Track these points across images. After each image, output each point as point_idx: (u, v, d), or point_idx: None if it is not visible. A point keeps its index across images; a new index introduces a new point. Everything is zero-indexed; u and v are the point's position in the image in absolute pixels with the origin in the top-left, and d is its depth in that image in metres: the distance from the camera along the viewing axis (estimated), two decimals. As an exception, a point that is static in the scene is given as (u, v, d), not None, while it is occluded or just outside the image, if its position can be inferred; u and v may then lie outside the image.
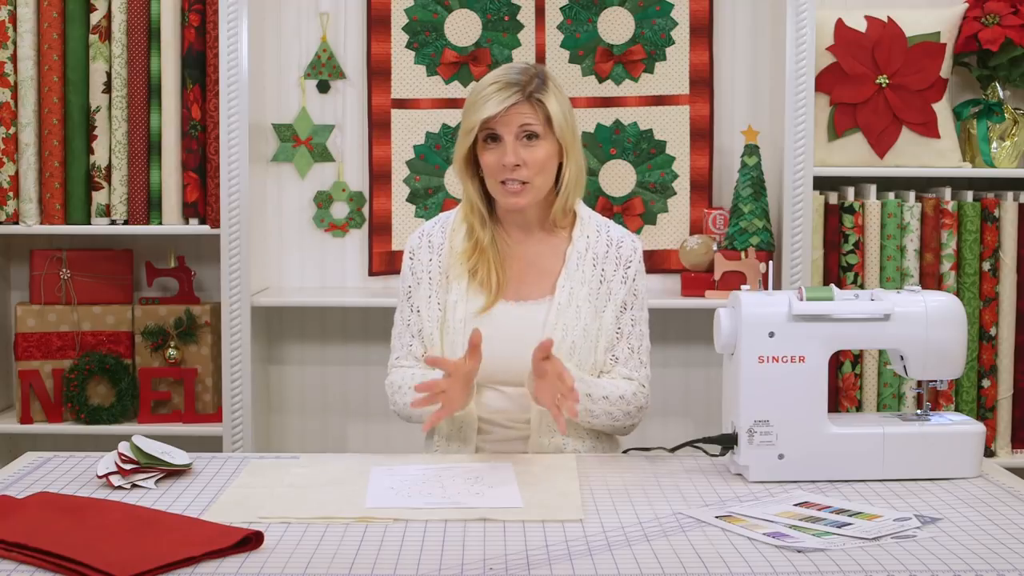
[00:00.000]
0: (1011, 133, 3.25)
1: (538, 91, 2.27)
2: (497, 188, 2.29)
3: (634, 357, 2.33)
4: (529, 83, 2.27)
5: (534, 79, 2.28)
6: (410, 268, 2.39)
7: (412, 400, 2.17)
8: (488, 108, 2.24)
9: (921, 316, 2.05)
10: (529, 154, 2.26)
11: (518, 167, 2.25)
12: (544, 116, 2.27)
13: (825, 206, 3.19)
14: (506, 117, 2.25)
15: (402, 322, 2.38)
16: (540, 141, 2.27)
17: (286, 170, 3.42)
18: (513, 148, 2.25)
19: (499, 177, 2.27)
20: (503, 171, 2.26)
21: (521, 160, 2.25)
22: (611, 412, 2.27)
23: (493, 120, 2.25)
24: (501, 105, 2.24)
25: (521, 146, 2.26)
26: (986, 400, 3.21)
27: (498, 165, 2.26)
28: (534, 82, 2.27)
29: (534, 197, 2.29)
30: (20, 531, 1.65)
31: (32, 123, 3.21)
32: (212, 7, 3.18)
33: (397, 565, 1.60)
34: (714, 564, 1.61)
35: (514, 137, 2.26)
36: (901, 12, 3.23)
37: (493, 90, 2.26)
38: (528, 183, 2.27)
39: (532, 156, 2.26)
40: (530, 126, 2.26)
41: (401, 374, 2.34)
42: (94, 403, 3.24)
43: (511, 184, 2.27)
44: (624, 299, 2.34)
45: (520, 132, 2.26)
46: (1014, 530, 1.75)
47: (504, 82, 2.26)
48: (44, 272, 3.29)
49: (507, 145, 2.25)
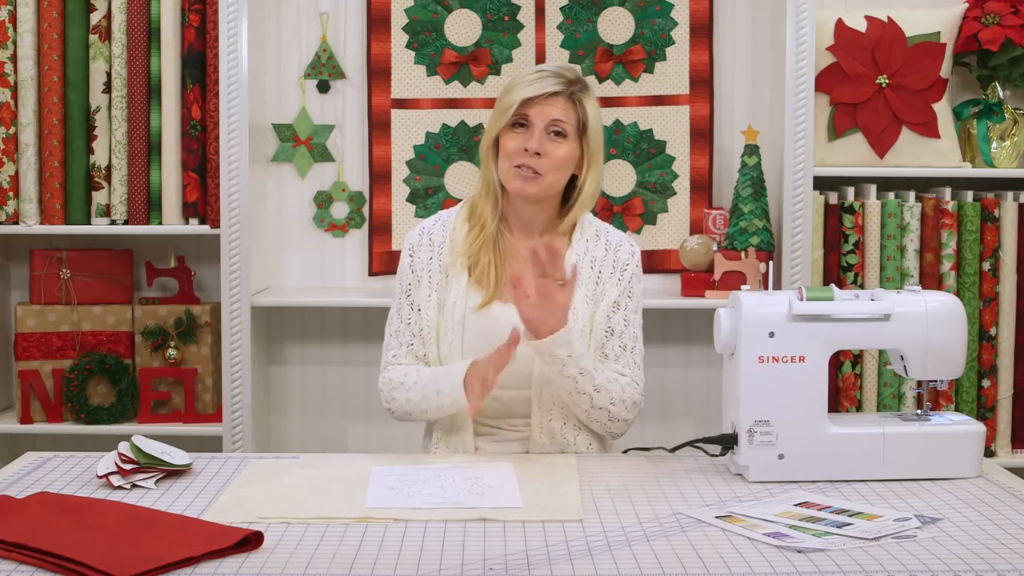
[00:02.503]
0: (1011, 133, 3.25)
1: (580, 92, 2.30)
2: (510, 172, 2.30)
3: (626, 355, 2.32)
4: (574, 82, 2.31)
5: (579, 81, 2.32)
6: (410, 266, 2.38)
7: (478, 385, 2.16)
8: (529, 89, 2.27)
9: (921, 316, 2.05)
10: (553, 148, 2.27)
11: (538, 155, 2.26)
12: (577, 118, 2.29)
13: (825, 206, 3.19)
14: (542, 107, 2.27)
15: (400, 320, 2.37)
16: (566, 141, 2.29)
17: (286, 170, 3.42)
18: (540, 137, 2.27)
19: (516, 161, 2.28)
20: (522, 155, 2.27)
21: (544, 151, 2.27)
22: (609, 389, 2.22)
23: (530, 104, 2.27)
24: (543, 89, 2.26)
25: (547, 139, 2.27)
26: (986, 400, 3.21)
27: (519, 149, 2.27)
28: (579, 83, 2.31)
29: (543, 191, 2.30)
30: (20, 531, 1.65)
31: (32, 123, 3.21)
32: (212, 7, 3.18)
33: (397, 565, 1.60)
34: (714, 564, 1.61)
35: (543, 128, 2.27)
36: (901, 12, 3.23)
37: (537, 76, 2.29)
38: (542, 175, 2.27)
39: (555, 151, 2.27)
40: (561, 123, 2.28)
41: (403, 371, 2.32)
42: (94, 403, 3.24)
43: (525, 170, 2.27)
44: (617, 298, 2.34)
45: (550, 126, 2.28)
46: (1014, 530, 1.76)
47: (551, 71, 2.30)
48: (44, 272, 3.29)
49: (535, 131, 2.27)
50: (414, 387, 2.27)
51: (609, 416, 2.26)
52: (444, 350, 2.29)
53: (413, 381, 2.28)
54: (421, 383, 2.27)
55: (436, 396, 2.23)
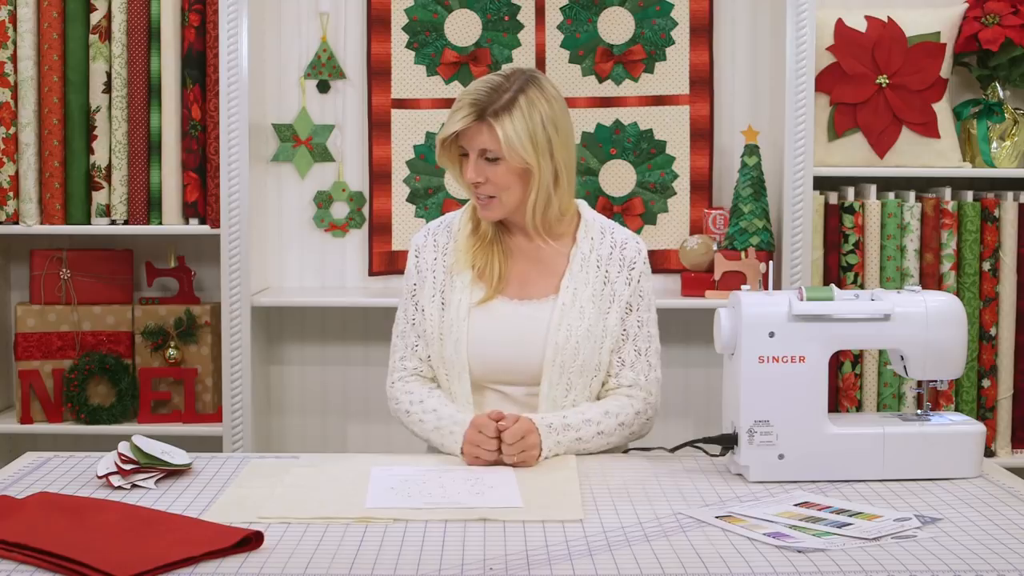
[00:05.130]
0: (1011, 133, 3.25)
1: (497, 113, 2.21)
2: (473, 200, 2.32)
3: (641, 360, 2.33)
4: (493, 102, 2.22)
5: (502, 95, 2.22)
6: (415, 267, 2.38)
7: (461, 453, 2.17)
8: (448, 126, 2.25)
9: (921, 316, 2.05)
10: (491, 172, 2.25)
11: (480, 184, 2.26)
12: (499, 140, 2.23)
13: (825, 206, 3.19)
14: (466, 136, 2.25)
15: (406, 321, 2.38)
16: (501, 161, 2.24)
17: (286, 170, 3.42)
18: (475, 165, 2.25)
19: (471, 191, 2.30)
20: (472, 187, 2.28)
21: (483, 177, 2.25)
22: (610, 441, 2.27)
23: (461, 135, 2.26)
24: (454, 126, 2.24)
25: (485, 165, 2.25)
26: (986, 400, 3.21)
27: (467, 181, 2.29)
28: (502, 99, 2.22)
29: (504, 211, 2.30)
30: (20, 531, 1.65)
31: (32, 123, 3.21)
32: (212, 7, 3.18)
33: (397, 565, 1.60)
34: (714, 564, 1.61)
35: (477, 155, 2.26)
36: (901, 12, 3.23)
37: (454, 108, 2.26)
38: (495, 198, 2.27)
39: (493, 174, 2.25)
40: (486, 149, 2.24)
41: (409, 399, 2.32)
42: (94, 403, 3.24)
43: (480, 198, 2.29)
44: (629, 300, 2.34)
45: (480, 155, 2.26)
46: (1014, 530, 1.75)
47: (468, 100, 2.23)
48: (44, 272, 3.29)
49: (471, 162, 2.26)
50: (419, 424, 2.29)
51: (628, 436, 2.31)
52: (449, 348, 2.30)
53: (419, 419, 2.29)
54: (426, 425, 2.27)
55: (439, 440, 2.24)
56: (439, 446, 2.24)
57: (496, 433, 2.10)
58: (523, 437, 2.10)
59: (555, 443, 2.17)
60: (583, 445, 2.22)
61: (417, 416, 2.29)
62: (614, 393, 2.32)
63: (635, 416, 2.29)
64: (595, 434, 2.23)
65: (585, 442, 2.22)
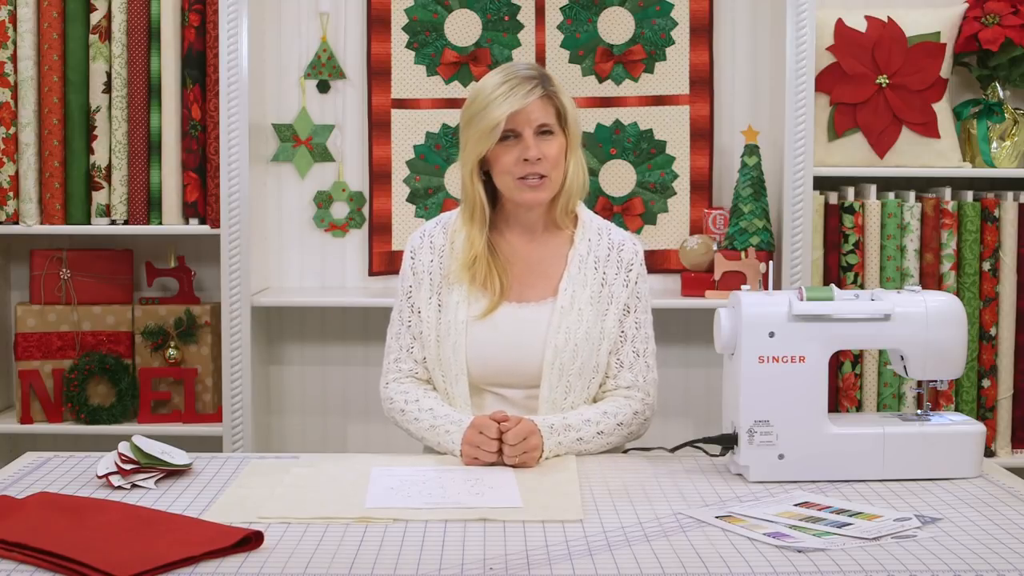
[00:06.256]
0: (1011, 133, 3.25)
1: (549, 85, 2.30)
2: (514, 185, 2.29)
3: (639, 361, 2.33)
4: (542, 79, 2.29)
5: (543, 76, 2.31)
6: (411, 268, 2.38)
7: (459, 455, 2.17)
8: (509, 103, 2.24)
9: (921, 316, 2.05)
10: (547, 148, 2.27)
11: (540, 160, 2.26)
12: (555, 111, 2.29)
13: (825, 206, 3.19)
14: (525, 114, 2.26)
15: (401, 322, 2.38)
16: (554, 137, 2.29)
17: (286, 170, 3.42)
18: (535, 143, 2.26)
19: (518, 173, 2.27)
20: (523, 167, 2.26)
21: (541, 154, 2.26)
22: (610, 441, 2.27)
23: (515, 116, 2.25)
24: (528, 99, 2.25)
25: (540, 141, 2.27)
26: (986, 400, 3.21)
27: (517, 161, 2.26)
28: (544, 77, 2.30)
29: (551, 191, 2.31)
30: (20, 531, 1.65)
31: (32, 123, 3.21)
32: (212, 7, 3.18)
33: (397, 565, 1.60)
34: (714, 564, 1.61)
35: (533, 133, 2.27)
36: (901, 12, 3.23)
37: (509, 88, 2.26)
38: (547, 177, 2.28)
39: (549, 150, 2.27)
40: (545, 124, 2.28)
41: (404, 398, 2.32)
42: (94, 403, 3.24)
43: (531, 179, 2.27)
44: (627, 302, 2.34)
45: (538, 129, 2.27)
46: (1014, 530, 1.75)
47: (519, 78, 2.27)
48: (44, 272, 3.29)
49: (527, 140, 2.26)
50: (414, 422, 2.29)
51: (626, 436, 2.31)
52: (447, 351, 2.29)
53: (414, 416, 2.28)
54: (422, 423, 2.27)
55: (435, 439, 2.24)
56: (435, 445, 2.23)
57: (498, 434, 2.10)
58: (526, 438, 2.10)
59: (556, 444, 2.18)
60: (584, 445, 2.22)
61: (412, 415, 2.29)
62: (612, 394, 2.32)
63: (633, 416, 2.30)
64: (595, 434, 2.23)
65: (586, 442, 2.22)
